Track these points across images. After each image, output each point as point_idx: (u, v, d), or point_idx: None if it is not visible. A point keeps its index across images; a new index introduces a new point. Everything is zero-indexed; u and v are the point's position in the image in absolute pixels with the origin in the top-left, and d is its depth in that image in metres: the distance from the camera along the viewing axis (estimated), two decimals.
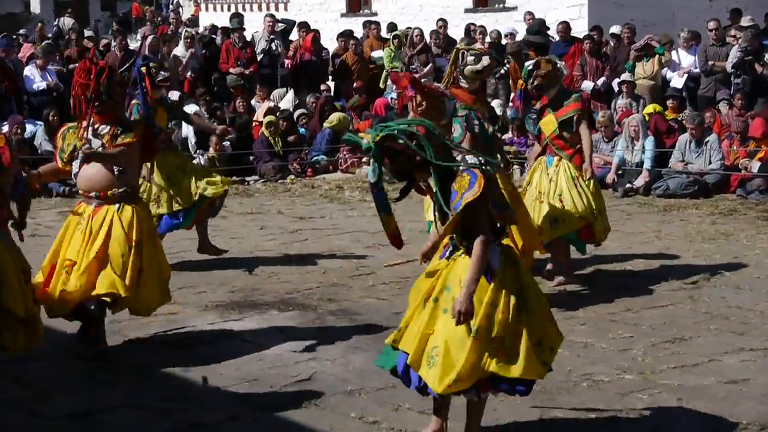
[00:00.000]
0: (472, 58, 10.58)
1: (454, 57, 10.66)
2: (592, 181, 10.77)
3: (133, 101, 11.70)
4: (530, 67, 10.74)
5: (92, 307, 8.53)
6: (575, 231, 10.81)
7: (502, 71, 20.50)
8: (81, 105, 8.51)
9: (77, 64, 20.65)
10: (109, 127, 8.51)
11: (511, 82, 20.11)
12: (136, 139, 8.54)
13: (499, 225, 6.58)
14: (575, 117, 10.68)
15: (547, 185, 10.73)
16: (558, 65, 10.78)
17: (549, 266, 11.04)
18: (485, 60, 10.59)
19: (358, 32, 24.30)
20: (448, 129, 9.52)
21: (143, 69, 11.67)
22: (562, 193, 10.64)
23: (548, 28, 21.99)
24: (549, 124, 10.74)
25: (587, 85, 20.00)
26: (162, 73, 12.09)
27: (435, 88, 9.90)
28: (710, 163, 16.71)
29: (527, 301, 6.52)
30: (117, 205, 8.52)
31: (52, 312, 8.55)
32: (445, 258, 6.61)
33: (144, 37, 22.99)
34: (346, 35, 23.04)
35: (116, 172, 8.49)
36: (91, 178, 8.54)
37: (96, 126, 8.53)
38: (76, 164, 8.61)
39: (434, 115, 9.44)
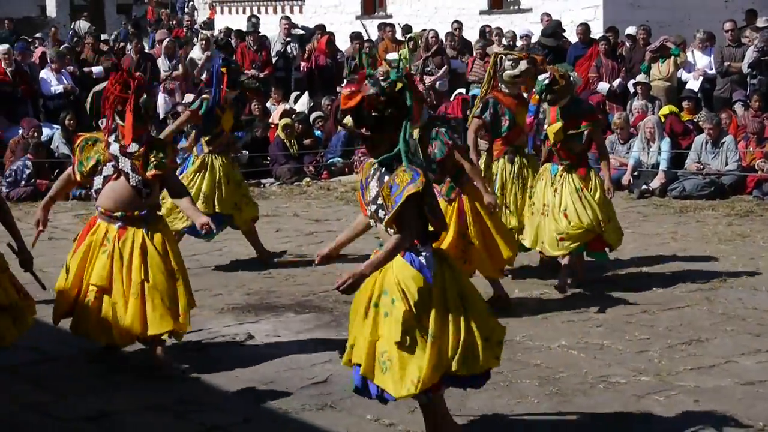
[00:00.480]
0: (510, 62, 10.56)
1: (493, 62, 10.64)
2: (597, 190, 10.66)
3: (204, 95, 11.73)
4: (546, 82, 10.52)
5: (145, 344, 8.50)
6: (584, 244, 10.74)
7: None
8: (111, 117, 8.26)
9: (92, 67, 20.83)
10: (138, 146, 8.20)
11: (524, 88, 20.05)
12: (173, 165, 8.47)
13: (432, 230, 6.61)
14: (586, 132, 10.60)
15: (552, 198, 10.64)
16: (572, 78, 10.67)
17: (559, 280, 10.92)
18: (523, 64, 10.60)
19: (373, 34, 24.29)
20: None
21: (223, 69, 11.73)
22: (567, 208, 10.52)
23: (564, 30, 21.96)
24: (556, 132, 10.60)
25: (603, 86, 19.98)
26: (244, 73, 12.14)
27: (421, 93, 9.79)
28: (726, 164, 16.67)
29: (469, 301, 6.58)
30: (144, 228, 8.29)
31: (89, 334, 8.44)
32: None
33: (159, 41, 23.03)
34: (359, 37, 23.05)
35: (144, 194, 8.31)
36: (119, 198, 8.24)
37: (123, 142, 8.23)
38: (99, 180, 8.32)
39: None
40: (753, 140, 17.21)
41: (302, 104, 21.71)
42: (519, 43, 21.70)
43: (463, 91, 20.80)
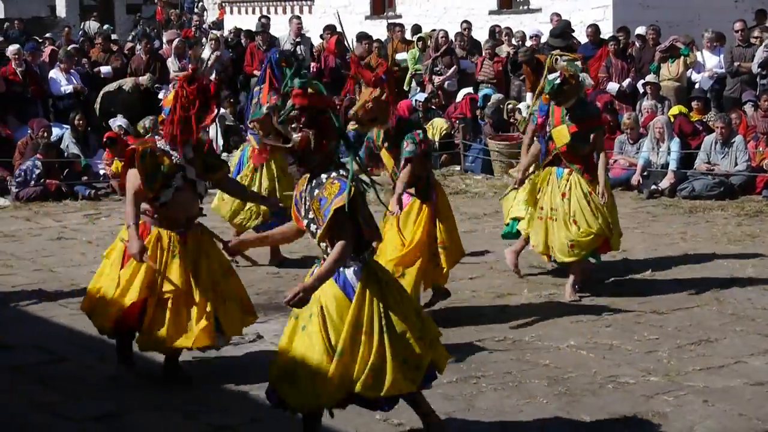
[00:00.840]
0: (565, 63, 10.53)
1: (549, 64, 10.62)
2: (605, 195, 10.59)
3: (272, 90, 11.68)
4: (557, 82, 10.36)
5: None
6: (593, 250, 10.64)
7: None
8: (179, 125, 8.03)
9: (102, 66, 20.84)
10: (192, 153, 8.12)
11: (528, 87, 20.08)
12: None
13: (366, 240, 6.55)
14: (592, 135, 10.51)
15: (560, 202, 10.48)
16: (581, 79, 10.54)
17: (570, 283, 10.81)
18: (578, 65, 10.56)
19: (382, 34, 24.27)
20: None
21: (282, 63, 11.71)
22: (575, 214, 10.40)
23: (573, 30, 21.93)
24: (562, 136, 10.45)
25: (612, 86, 19.95)
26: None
27: (389, 97, 9.68)
28: (736, 164, 16.63)
29: (391, 321, 6.48)
30: (200, 231, 8.23)
31: (162, 348, 8.16)
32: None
33: (169, 41, 23.04)
34: (368, 38, 23.04)
35: (202, 199, 8.30)
36: (186, 206, 8.13)
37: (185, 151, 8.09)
38: (169, 192, 8.04)
39: (379, 117, 9.37)
40: (762, 140, 17.15)
41: None
42: (528, 43, 21.69)
43: (471, 90, 20.82)
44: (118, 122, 18.42)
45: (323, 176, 6.42)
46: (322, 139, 6.43)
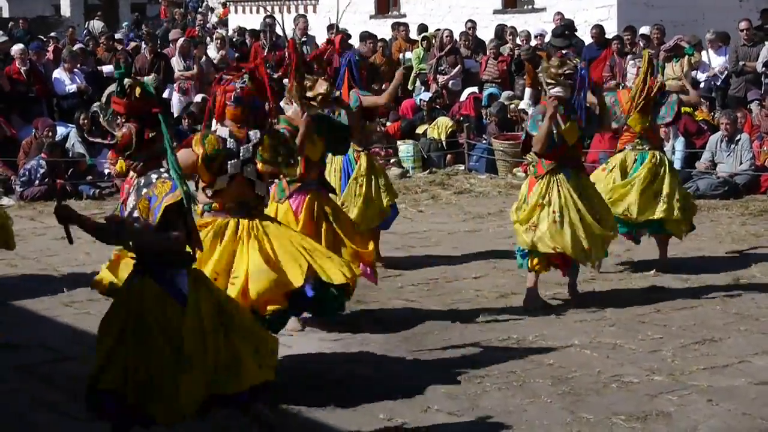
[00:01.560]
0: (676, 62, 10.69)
1: (649, 61, 11.18)
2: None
3: (352, 90, 11.57)
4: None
5: None
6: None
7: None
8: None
9: (105, 65, 20.83)
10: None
11: (528, 83, 20.09)
12: None
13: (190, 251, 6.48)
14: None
15: (581, 204, 10.09)
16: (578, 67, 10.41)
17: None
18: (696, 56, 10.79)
19: (386, 34, 24.29)
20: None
21: (362, 66, 11.72)
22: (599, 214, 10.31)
23: (575, 30, 21.92)
24: (574, 131, 10.15)
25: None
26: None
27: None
28: (741, 163, 16.62)
29: (231, 316, 6.47)
30: None
31: None
32: (130, 285, 6.45)
33: (173, 40, 23.05)
34: (372, 37, 23.04)
35: None
36: None
37: None
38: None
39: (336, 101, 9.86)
40: (767, 139, 17.15)
41: None
42: (533, 42, 21.70)
43: (476, 90, 20.83)
44: None
45: (153, 176, 6.28)
46: (146, 135, 6.40)
